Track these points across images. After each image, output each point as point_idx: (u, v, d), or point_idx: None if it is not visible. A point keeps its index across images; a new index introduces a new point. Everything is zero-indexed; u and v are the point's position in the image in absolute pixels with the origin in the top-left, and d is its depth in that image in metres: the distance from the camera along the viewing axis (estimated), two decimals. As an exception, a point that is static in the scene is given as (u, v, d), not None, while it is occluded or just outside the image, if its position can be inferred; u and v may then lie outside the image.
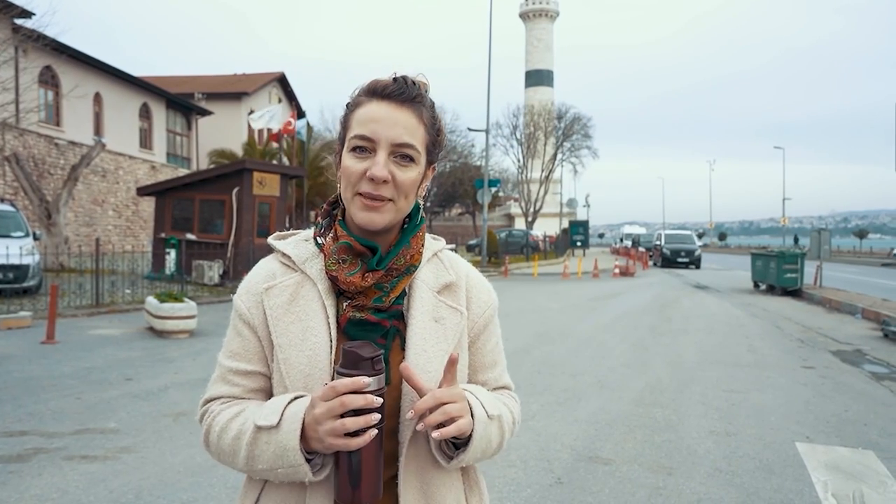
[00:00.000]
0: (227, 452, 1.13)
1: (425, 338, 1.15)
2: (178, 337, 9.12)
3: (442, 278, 1.22)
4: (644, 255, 35.36)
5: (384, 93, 1.13)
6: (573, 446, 4.80)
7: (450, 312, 1.19)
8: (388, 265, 1.14)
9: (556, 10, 68.70)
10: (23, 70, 20.74)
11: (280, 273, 1.19)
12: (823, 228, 19.99)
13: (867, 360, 8.54)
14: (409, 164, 1.13)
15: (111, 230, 25.88)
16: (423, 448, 1.14)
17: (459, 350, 1.19)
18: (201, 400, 1.24)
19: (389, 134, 1.11)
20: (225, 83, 39.15)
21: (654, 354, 8.63)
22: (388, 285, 1.14)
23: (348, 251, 1.14)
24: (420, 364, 1.12)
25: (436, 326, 1.17)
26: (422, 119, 1.15)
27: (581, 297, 16.64)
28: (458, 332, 1.19)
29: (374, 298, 1.13)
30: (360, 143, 1.12)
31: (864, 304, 13.72)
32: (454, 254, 1.31)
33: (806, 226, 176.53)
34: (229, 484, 3.96)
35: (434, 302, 1.19)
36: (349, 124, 1.16)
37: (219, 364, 1.22)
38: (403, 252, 1.16)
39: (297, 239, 1.24)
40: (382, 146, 1.11)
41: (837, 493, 3.97)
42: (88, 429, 4.99)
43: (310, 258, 1.18)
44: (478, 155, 48.69)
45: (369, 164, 1.11)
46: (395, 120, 1.12)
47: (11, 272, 12.23)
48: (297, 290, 1.16)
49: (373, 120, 1.11)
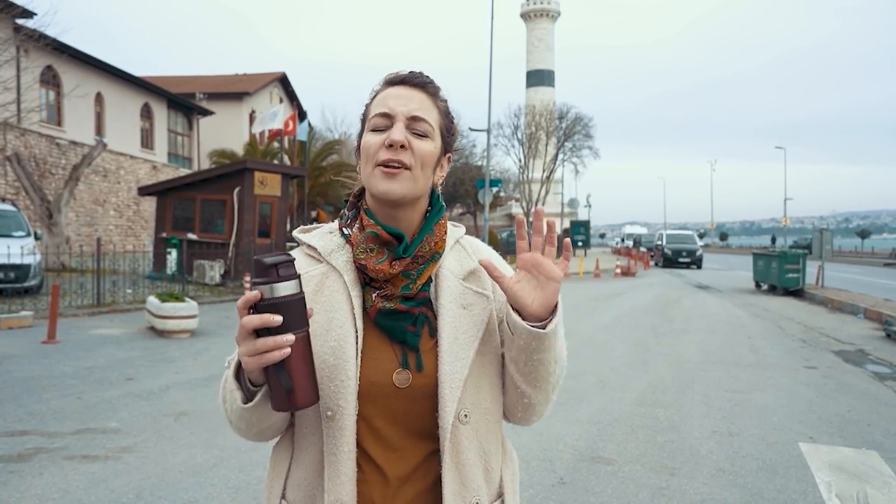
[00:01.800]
0: (224, 408, 1.19)
1: (456, 326, 1.17)
2: (179, 337, 9.11)
3: (466, 265, 1.25)
4: (645, 256, 35.33)
5: (399, 79, 1.21)
6: (575, 446, 4.78)
7: (476, 298, 1.22)
8: (413, 252, 1.18)
9: (558, 10, 68.62)
10: (24, 70, 20.75)
11: (306, 264, 1.22)
12: (825, 228, 19.96)
13: (870, 361, 8.52)
14: (425, 138, 1.18)
15: (112, 230, 25.88)
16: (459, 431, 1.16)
17: (489, 333, 1.21)
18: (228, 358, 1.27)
19: (405, 108, 1.17)
20: (226, 83, 39.14)
21: (656, 354, 8.61)
22: (415, 273, 1.18)
23: (375, 240, 1.17)
24: (453, 350, 1.16)
25: (464, 313, 1.19)
26: (436, 103, 1.22)
27: (582, 296, 16.62)
28: (485, 316, 1.21)
29: (402, 286, 1.16)
30: (378, 120, 1.17)
31: (867, 304, 13.69)
32: (475, 239, 1.33)
33: (807, 226, 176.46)
34: (230, 484, 3.95)
35: (460, 289, 1.21)
36: (369, 111, 1.22)
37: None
38: (428, 239, 1.20)
39: (322, 231, 1.28)
40: (399, 118, 1.17)
41: (841, 493, 3.96)
42: (89, 428, 4.98)
43: (335, 249, 1.21)
44: (479, 155, 48.67)
45: (388, 135, 1.16)
46: (411, 97, 1.19)
47: (13, 272, 12.22)
48: (323, 281, 1.19)
49: (390, 97, 1.19)
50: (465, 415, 1.16)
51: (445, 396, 1.14)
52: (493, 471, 1.22)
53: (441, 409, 1.14)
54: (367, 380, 1.13)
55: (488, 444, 1.21)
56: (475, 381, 1.18)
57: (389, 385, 1.13)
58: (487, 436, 1.21)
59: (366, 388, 1.13)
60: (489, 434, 1.21)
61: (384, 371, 1.14)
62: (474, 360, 1.17)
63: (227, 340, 9.05)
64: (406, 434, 1.15)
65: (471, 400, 1.17)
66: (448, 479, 1.15)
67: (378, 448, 1.14)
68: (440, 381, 1.14)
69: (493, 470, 1.22)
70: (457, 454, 1.16)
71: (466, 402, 1.16)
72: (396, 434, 1.15)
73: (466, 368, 1.15)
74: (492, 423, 1.22)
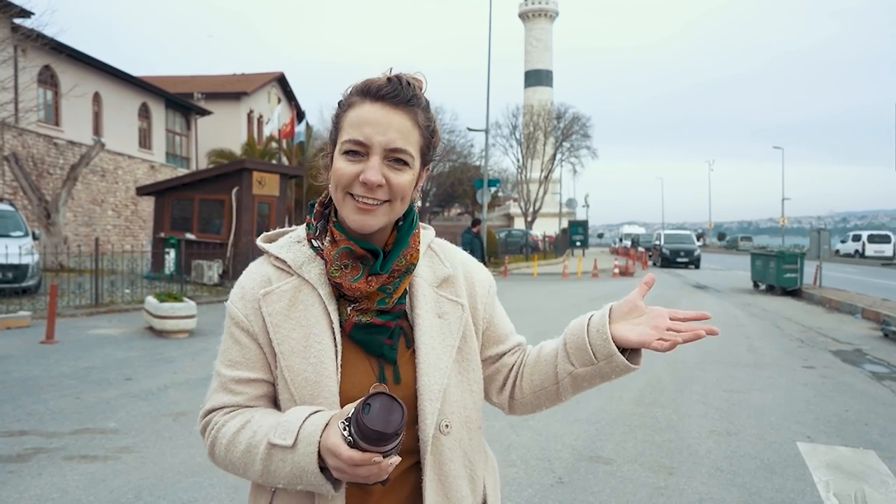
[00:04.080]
0: (237, 465, 1.13)
1: (432, 335, 1.16)
2: (177, 336, 9.11)
3: (439, 272, 1.23)
4: (643, 255, 35.35)
5: (378, 94, 1.10)
6: (574, 446, 4.79)
7: (451, 307, 1.20)
8: (390, 267, 1.14)
9: (556, 10, 68.65)
10: (22, 69, 20.72)
11: (275, 277, 1.16)
12: (822, 228, 20.00)
13: (867, 360, 8.53)
14: (403, 167, 1.11)
15: (110, 230, 25.86)
16: (441, 441, 1.15)
17: (465, 340, 1.21)
18: (202, 411, 1.21)
19: (383, 139, 1.08)
20: (224, 83, 39.12)
21: (654, 354, 8.54)
22: (391, 287, 1.14)
23: (349, 255, 1.12)
24: (431, 361, 1.14)
25: (440, 322, 1.18)
26: (416, 122, 1.12)
27: (581, 296, 16.63)
28: (461, 325, 1.20)
29: (378, 300, 1.13)
30: (352, 147, 1.09)
31: (864, 303, 13.71)
32: (446, 242, 1.31)
33: (805, 226, 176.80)
34: (229, 484, 3.95)
35: (435, 298, 1.20)
36: (341, 125, 1.13)
37: (217, 374, 1.19)
38: (404, 252, 1.16)
39: (289, 241, 1.21)
40: (376, 150, 1.09)
41: (839, 492, 3.96)
42: (88, 428, 4.98)
43: (306, 262, 1.16)
44: (477, 155, 48.67)
45: (362, 168, 1.09)
46: (389, 123, 1.09)
47: (10, 272, 12.21)
48: (296, 295, 1.14)
49: (366, 123, 1.09)
50: (447, 425, 1.14)
51: (425, 408, 1.12)
52: (477, 478, 1.22)
53: (421, 421, 1.12)
54: (345, 395, 1.10)
55: (472, 453, 1.20)
56: (454, 390, 1.16)
57: None
58: (470, 444, 1.20)
59: (345, 403, 1.09)
60: (472, 441, 1.20)
61: (361, 385, 1.11)
62: (452, 369, 1.16)
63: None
64: None
65: (451, 409, 1.15)
66: (430, 493, 1.13)
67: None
68: (419, 393, 1.13)
69: (477, 477, 1.22)
70: (439, 465, 1.15)
71: (447, 411, 1.15)
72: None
73: (445, 378, 1.14)
74: (473, 430, 1.21)
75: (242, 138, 34.28)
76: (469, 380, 1.20)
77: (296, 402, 1.10)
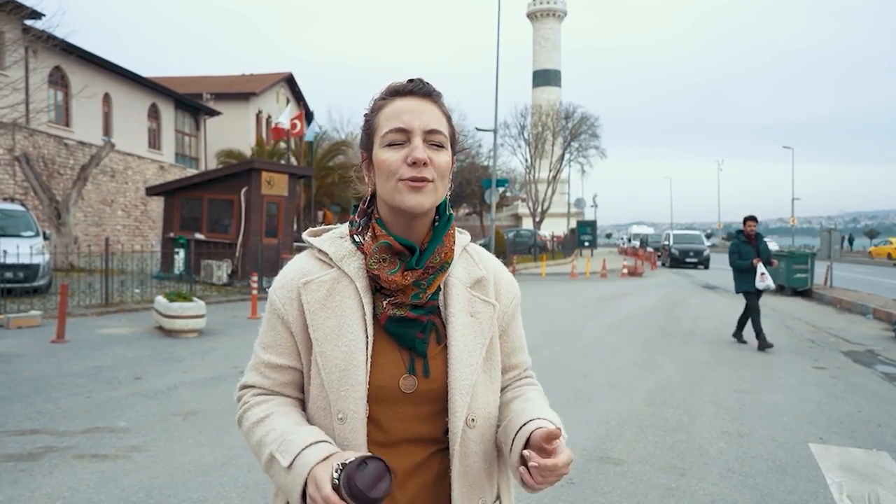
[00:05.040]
0: (252, 450, 1.22)
1: (464, 333, 1.22)
2: (186, 336, 9.14)
3: (473, 273, 1.29)
4: (652, 256, 35.21)
5: (406, 90, 1.20)
6: (584, 447, 4.77)
7: (483, 307, 1.26)
8: (425, 264, 1.20)
9: (564, 9, 68.54)
10: (32, 71, 20.84)
11: (317, 269, 1.23)
12: (833, 228, 19.86)
13: (879, 361, 8.47)
14: (441, 149, 1.19)
15: (120, 230, 25.98)
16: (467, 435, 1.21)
17: (492, 340, 1.26)
18: (239, 383, 1.30)
19: (421, 122, 1.17)
20: (233, 83, 39.24)
21: (664, 354, 8.58)
22: (425, 282, 1.20)
23: (387, 250, 1.19)
24: (462, 358, 1.20)
25: (472, 321, 1.24)
26: (443, 111, 1.22)
27: (589, 296, 16.59)
28: (491, 324, 1.26)
29: (412, 295, 1.18)
30: (394, 136, 1.17)
31: (875, 304, 13.61)
32: (481, 248, 1.37)
33: (815, 226, 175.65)
34: (239, 483, 3.96)
35: (468, 297, 1.26)
36: (376, 125, 1.20)
37: (254, 352, 1.28)
38: (438, 250, 1.22)
39: (333, 236, 1.28)
40: (417, 133, 1.17)
41: (853, 494, 3.93)
42: (98, 427, 5.00)
43: (347, 255, 1.23)
44: (485, 155, 48.51)
45: (407, 152, 1.16)
46: (422, 109, 1.19)
47: (22, 272, 12.27)
48: (334, 287, 1.20)
49: (403, 112, 1.18)
50: (473, 419, 1.21)
51: (456, 402, 1.18)
52: (494, 473, 1.28)
53: (451, 414, 1.19)
54: (376, 384, 1.17)
55: (491, 448, 1.27)
56: (481, 387, 1.23)
57: (396, 390, 1.17)
58: (490, 439, 1.26)
59: (374, 392, 1.16)
60: (491, 438, 1.27)
61: (391, 376, 1.18)
62: (480, 367, 1.22)
63: (235, 340, 9.07)
64: (411, 436, 1.20)
65: (477, 405, 1.22)
66: (457, 483, 1.20)
67: (384, 449, 1.17)
68: (450, 388, 1.19)
69: (494, 472, 1.28)
70: (465, 457, 1.21)
71: (474, 406, 1.21)
72: (402, 436, 1.19)
73: (475, 375, 1.21)
74: (494, 427, 1.27)
75: (251, 139, 34.37)
76: (492, 378, 1.26)
77: (325, 388, 1.16)
